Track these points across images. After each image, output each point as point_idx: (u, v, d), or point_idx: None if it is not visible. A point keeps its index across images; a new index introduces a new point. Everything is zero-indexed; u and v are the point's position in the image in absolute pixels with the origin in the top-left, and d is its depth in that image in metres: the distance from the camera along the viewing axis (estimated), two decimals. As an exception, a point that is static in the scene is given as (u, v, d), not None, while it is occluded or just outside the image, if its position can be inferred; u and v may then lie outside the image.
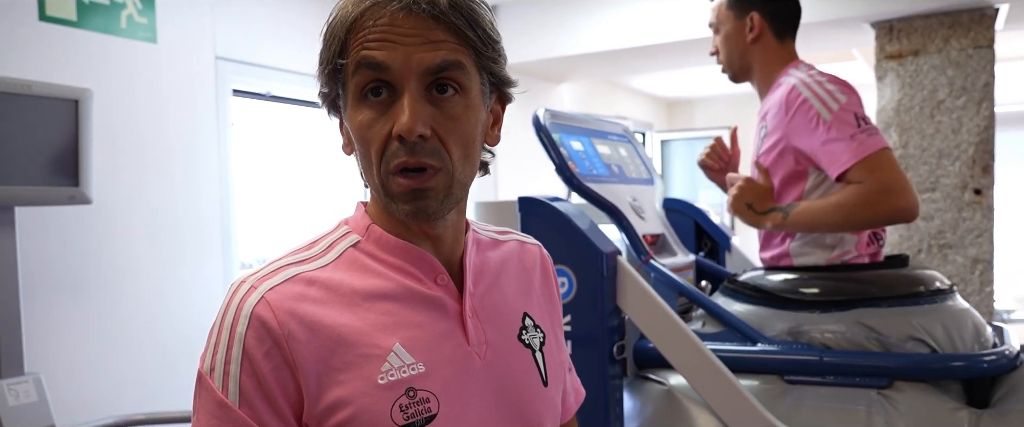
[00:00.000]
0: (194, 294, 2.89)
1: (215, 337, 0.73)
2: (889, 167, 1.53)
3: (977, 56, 3.14)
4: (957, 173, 3.17)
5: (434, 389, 0.74)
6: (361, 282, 0.76)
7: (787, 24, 1.80)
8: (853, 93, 1.63)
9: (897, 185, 1.52)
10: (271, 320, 0.70)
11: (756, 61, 1.81)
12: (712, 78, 6.03)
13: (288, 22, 3.34)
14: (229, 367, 0.70)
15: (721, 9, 1.84)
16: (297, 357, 0.70)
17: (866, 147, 1.54)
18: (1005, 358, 1.48)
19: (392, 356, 0.73)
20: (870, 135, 1.56)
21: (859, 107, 1.61)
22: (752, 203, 1.73)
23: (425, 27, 0.71)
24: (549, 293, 0.95)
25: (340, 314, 0.73)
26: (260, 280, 0.74)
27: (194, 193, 2.90)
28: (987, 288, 3.12)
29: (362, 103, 0.74)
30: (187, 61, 2.87)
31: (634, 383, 1.70)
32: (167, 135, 2.80)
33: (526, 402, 0.83)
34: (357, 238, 0.80)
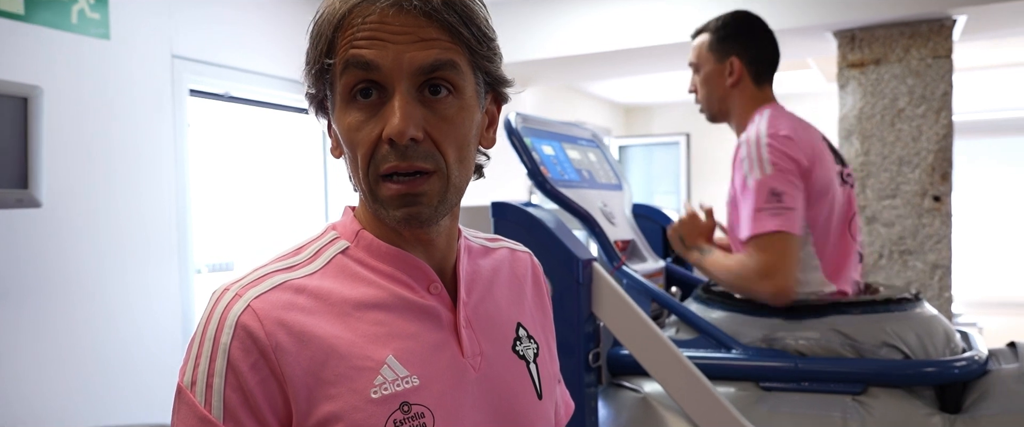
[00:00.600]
0: (149, 300, 2.79)
1: (197, 348, 0.68)
2: (774, 251, 1.57)
3: (936, 66, 3.21)
4: (917, 180, 3.23)
5: (429, 403, 0.70)
6: (351, 291, 0.72)
7: (766, 69, 1.80)
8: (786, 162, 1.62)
9: (773, 270, 1.56)
10: (258, 330, 0.66)
11: (734, 104, 1.81)
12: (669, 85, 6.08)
13: (248, 21, 3.25)
14: (212, 380, 0.66)
15: (701, 50, 1.84)
16: (286, 370, 0.66)
17: (761, 226, 1.58)
18: (975, 364, 1.50)
19: (385, 369, 0.69)
20: (773, 215, 1.58)
21: (782, 181, 1.60)
22: (684, 237, 1.83)
23: (417, 24, 0.68)
24: (541, 302, 0.92)
25: (330, 324, 0.69)
26: (245, 288, 0.69)
27: (149, 196, 2.80)
28: (946, 293, 3.19)
29: (350, 104, 0.70)
30: (142, 59, 2.77)
31: (607, 391, 1.68)
32: (121, 136, 2.70)
33: (521, 417, 0.79)
34: (346, 244, 0.76)
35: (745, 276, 1.60)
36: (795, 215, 1.59)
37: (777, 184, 1.59)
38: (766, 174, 1.60)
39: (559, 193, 1.78)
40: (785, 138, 1.64)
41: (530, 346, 0.84)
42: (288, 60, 3.45)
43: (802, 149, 1.64)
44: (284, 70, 3.43)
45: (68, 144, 2.52)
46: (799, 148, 1.63)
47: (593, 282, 1.55)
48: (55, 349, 2.50)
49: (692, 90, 1.89)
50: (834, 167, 1.72)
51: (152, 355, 2.79)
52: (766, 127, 1.67)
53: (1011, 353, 1.59)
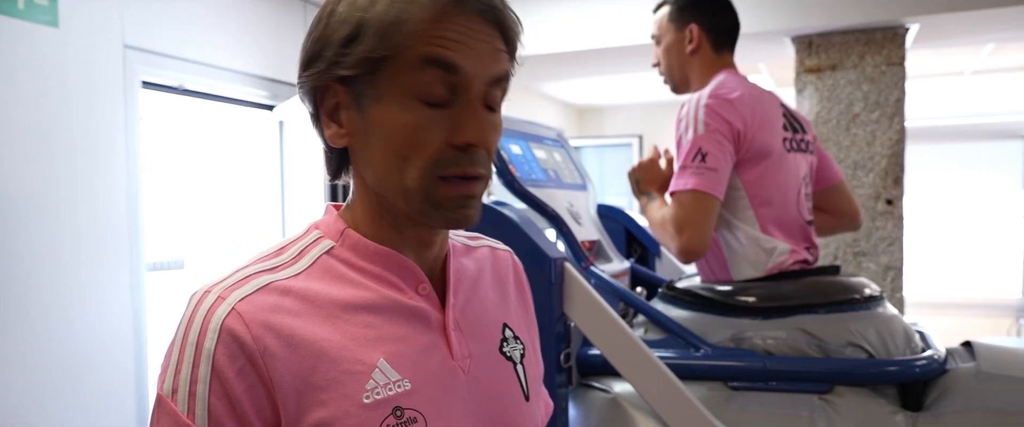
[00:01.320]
0: (99, 299, 2.68)
1: (177, 354, 0.65)
2: (687, 207, 1.63)
3: (890, 72, 3.30)
4: (871, 184, 3.31)
5: (421, 407, 0.69)
6: (339, 292, 0.70)
7: (725, 37, 1.84)
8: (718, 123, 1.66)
9: (683, 225, 1.63)
10: (244, 334, 0.63)
11: (693, 72, 1.85)
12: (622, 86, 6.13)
13: (205, 13, 3.16)
14: (195, 388, 0.63)
15: (663, 21, 1.88)
16: (274, 375, 0.64)
17: (682, 183, 1.65)
18: (935, 362, 1.54)
19: (377, 372, 0.67)
20: (694, 173, 1.64)
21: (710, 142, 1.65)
22: (640, 180, 1.90)
23: (493, 35, 0.69)
24: (524, 302, 0.90)
25: (319, 327, 0.67)
26: (228, 290, 0.66)
27: (99, 191, 2.69)
28: (897, 294, 3.28)
29: (413, 102, 0.68)
30: (92, 49, 2.67)
31: (577, 391, 1.67)
32: (70, 128, 2.59)
33: (510, 419, 0.78)
34: (331, 244, 0.73)
35: (664, 229, 1.68)
36: (717, 176, 1.64)
37: (705, 144, 1.65)
38: (697, 134, 1.66)
39: (528, 193, 1.78)
40: (725, 100, 1.68)
41: (516, 347, 0.83)
42: (245, 53, 3.36)
43: (741, 113, 1.68)
44: (241, 64, 3.35)
45: (14, 136, 2.41)
46: (736, 111, 1.67)
47: (564, 282, 1.55)
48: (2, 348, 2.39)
49: (655, 63, 1.92)
50: (781, 133, 1.76)
51: (104, 353, 2.69)
52: (710, 89, 1.72)
53: (967, 352, 1.63)
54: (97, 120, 2.68)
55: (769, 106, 1.76)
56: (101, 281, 2.70)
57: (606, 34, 3.69)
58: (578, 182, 2.27)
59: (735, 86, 1.72)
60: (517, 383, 0.81)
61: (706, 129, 1.65)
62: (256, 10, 3.42)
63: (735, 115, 1.66)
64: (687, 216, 1.62)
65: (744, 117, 1.67)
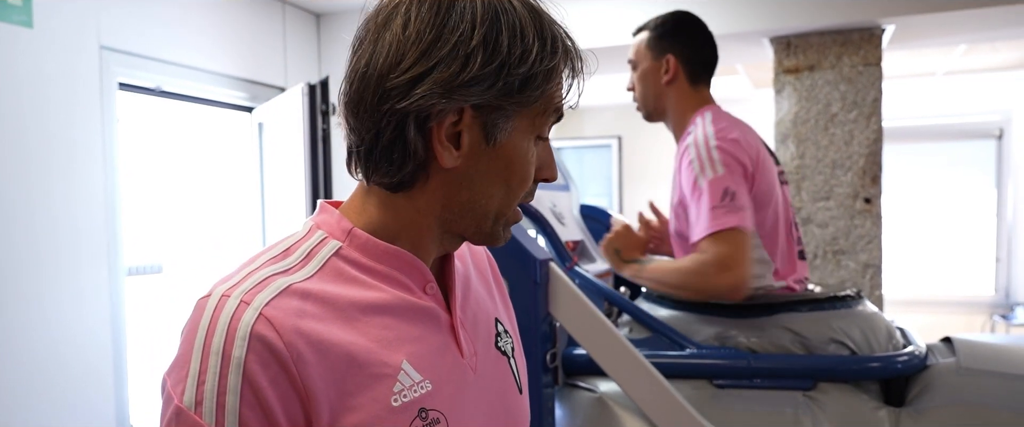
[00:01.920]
0: (77, 304, 2.64)
1: (200, 363, 0.61)
2: (731, 244, 1.57)
3: (867, 73, 3.33)
4: (849, 183, 3.35)
5: (442, 408, 0.69)
6: (355, 293, 0.68)
7: (702, 69, 1.82)
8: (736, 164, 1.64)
9: (730, 262, 1.56)
10: (276, 341, 0.61)
11: (669, 103, 1.82)
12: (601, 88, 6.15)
13: (182, 14, 3.13)
14: (224, 398, 0.60)
15: (640, 47, 1.84)
16: (308, 383, 0.62)
17: (719, 223, 1.58)
18: (917, 358, 1.56)
19: (402, 374, 0.67)
20: (728, 212, 1.59)
21: (733, 180, 1.62)
22: (620, 250, 1.82)
23: None
24: (503, 294, 0.91)
25: (343, 331, 0.65)
26: (250, 293, 0.63)
27: (76, 194, 2.65)
28: (877, 292, 3.32)
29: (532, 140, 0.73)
30: (68, 50, 2.63)
31: (563, 391, 1.67)
32: (46, 130, 2.55)
33: (511, 413, 0.79)
34: (338, 244, 0.71)
35: (700, 272, 1.59)
36: (747, 214, 1.61)
37: (729, 184, 1.61)
38: (718, 174, 1.61)
39: (512, 193, 1.76)
40: (733, 141, 1.66)
41: (508, 341, 0.84)
42: (223, 55, 3.33)
43: (748, 153, 1.66)
44: (219, 65, 3.32)
45: (-14, 138, 2.37)
46: (745, 152, 1.65)
47: (550, 282, 1.54)
48: (-30, 357, 2.35)
49: (630, 88, 1.90)
50: (774, 169, 1.76)
51: (82, 359, 2.65)
52: (713, 129, 1.68)
53: (947, 348, 1.65)
54: (73, 122, 2.64)
55: (760, 143, 1.75)
56: (79, 286, 2.65)
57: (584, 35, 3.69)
58: (561, 183, 2.27)
59: (731, 125, 1.71)
60: (512, 377, 0.82)
61: (726, 169, 1.61)
62: (234, 11, 3.39)
63: (744, 156, 1.65)
64: (731, 253, 1.56)
65: (751, 158, 1.66)
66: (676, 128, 1.82)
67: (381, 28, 0.68)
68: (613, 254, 1.82)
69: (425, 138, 0.68)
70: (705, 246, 1.59)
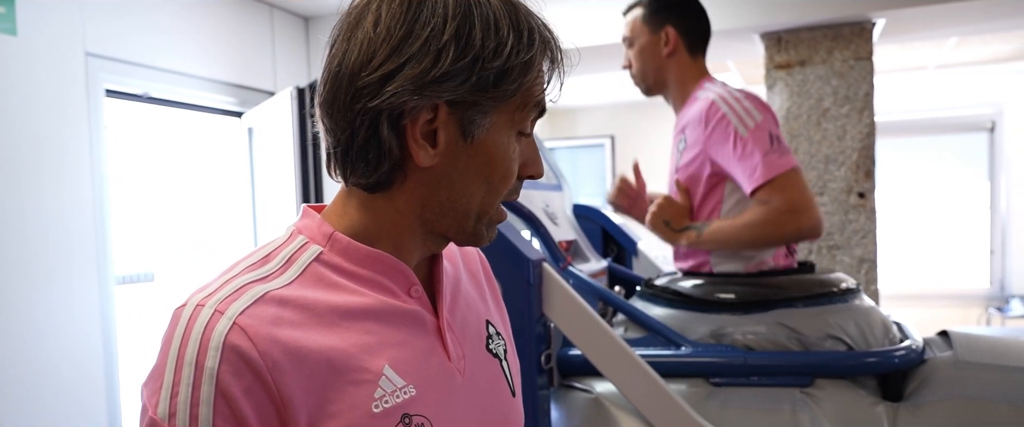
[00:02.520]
0: (67, 314, 2.62)
1: (172, 374, 0.61)
2: (796, 187, 1.58)
3: (858, 67, 3.33)
4: (843, 178, 3.34)
5: (427, 413, 0.67)
6: (335, 299, 0.67)
7: (700, 39, 1.84)
8: (768, 111, 1.67)
9: (802, 205, 1.57)
10: (250, 350, 0.60)
11: (671, 75, 1.83)
12: (593, 87, 6.14)
13: (168, 19, 3.10)
14: (197, 410, 0.59)
15: (635, 23, 1.85)
16: (285, 391, 0.61)
17: (776, 167, 1.59)
18: (914, 352, 1.55)
19: (383, 380, 0.65)
20: (781, 155, 1.60)
21: (774, 126, 1.65)
22: (670, 221, 1.77)
23: None
24: (496, 296, 0.90)
25: (322, 336, 0.64)
26: (224, 302, 0.62)
27: (65, 202, 2.62)
28: (872, 286, 3.31)
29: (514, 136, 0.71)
30: (54, 57, 2.60)
31: (558, 393, 1.65)
32: (32, 138, 2.52)
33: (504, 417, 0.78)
34: (319, 249, 0.70)
35: (773, 221, 1.58)
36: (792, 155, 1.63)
37: (771, 128, 1.63)
38: (757, 121, 1.62)
39: (504, 194, 1.75)
40: (757, 98, 1.69)
41: (500, 343, 0.82)
42: (211, 60, 3.31)
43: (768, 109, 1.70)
44: (208, 70, 3.29)
45: (-29, 148, 2.35)
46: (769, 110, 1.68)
47: (543, 283, 1.53)
48: (-41, 369, 2.32)
49: (626, 65, 1.90)
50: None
51: (74, 369, 2.62)
52: (731, 89, 1.71)
53: (944, 341, 1.64)
54: (60, 130, 2.62)
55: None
56: (69, 295, 2.63)
57: (576, 34, 3.68)
58: (553, 183, 2.25)
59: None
60: (504, 380, 0.80)
61: (763, 116, 1.63)
62: (221, 16, 3.36)
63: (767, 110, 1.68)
64: (801, 195, 1.57)
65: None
66: (677, 99, 1.83)
67: (353, 26, 0.67)
68: (663, 226, 1.78)
69: (399, 137, 0.67)
70: (767, 195, 1.58)
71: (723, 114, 1.66)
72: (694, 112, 1.74)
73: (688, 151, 1.76)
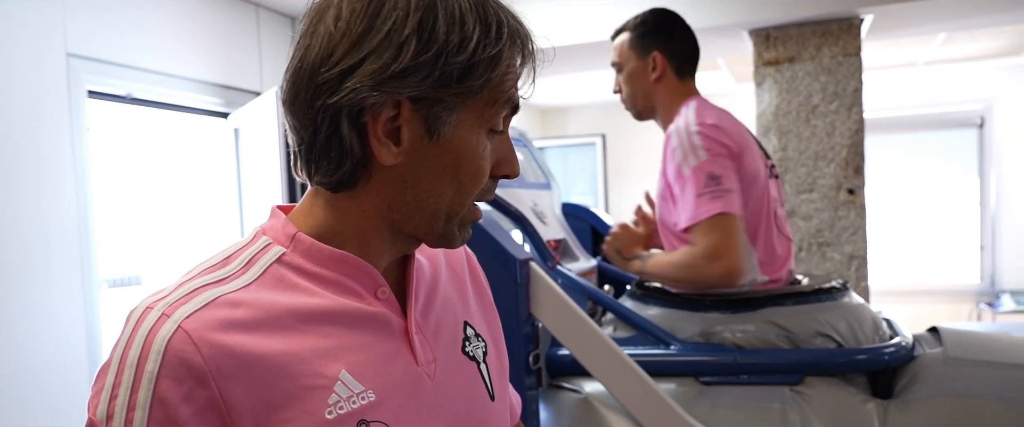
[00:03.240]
0: (50, 320, 2.58)
1: (114, 377, 0.60)
2: (718, 232, 1.56)
3: (846, 63, 3.33)
4: (832, 174, 3.34)
5: (387, 419, 0.65)
6: (294, 302, 0.65)
7: (687, 63, 1.82)
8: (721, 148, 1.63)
9: (720, 250, 1.55)
10: (192, 355, 0.58)
11: (659, 100, 1.82)
12: (584, 86, 6.13)
13: (151, 19, 3.07)
14: (132, 414, 0.58)
15: (623, 48, 1.84)
16: (229, 397, 0.59)
17: (705, 210, 1.57)
18: (903, 349, 1.54)
19: (339, 385, 0.63)
20: (713, 198, 1.58)
21: (717, 164, 1.61)
22: (620, 249, 1.83)
23: None
24: (483, 297, 0.87)
25: (275, 341, 0.62)
26: (173, 306, 0.61)
27: (46, 205, 2.59)
28: (863, 283, 3.31)
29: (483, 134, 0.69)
30: (33, 57, 2.56)
31: (547, 393, 1.64)
32: (12, 140, 2.49)
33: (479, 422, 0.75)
34: (281, 250, 0.68)
35: (692, 264, 1.58)
36: (734, 197, 1.59)
37: (713, 168, 1.60)
38: (701, 160, 1.60)
39: (491, 192, 1.74)
40: (713, 126, 1.65)
41: (479, 345, 0.80)
42: (196, 60, 3.27)
43: (730, 136, 1.65)
44: (192, 71, 3.26)
45: (-50, 151, 2.31)
46: (727, 135, 1.65)
47: (531, 282, 1.51)
48: (-60, 376, 2.28)
49: (617, 90, 1.89)
50: (761, 158, 1.75)
51: (56, 375, 2.58)
52: (694, 116, 1.68)
53: (934, 338, 1.63)
54: (41, 132, 2.58)
55: (744, 131, 1.75)
56: (52, 300, 2.59)
57: (567, 31, 3.67)
58: (542, 181, 2.24)
59: (712, 112, 1.71)
60: (482, 383, 0.78)
61: (709, 154, 1.60)
62: (206, 15, 3.33)
63: (726, 138, 1.64)
64: (721, 240, 1.55)
65: (735, 140, 1.65)
66: (665, 122, 1.82)
67: (316, 22, 0.65)
68: (615, 254, 1.83)
69: (361, 135, 0.65)
70: (694, 236, 1.59)
71: (673, 148, 1.66)
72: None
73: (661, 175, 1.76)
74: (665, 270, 1.67)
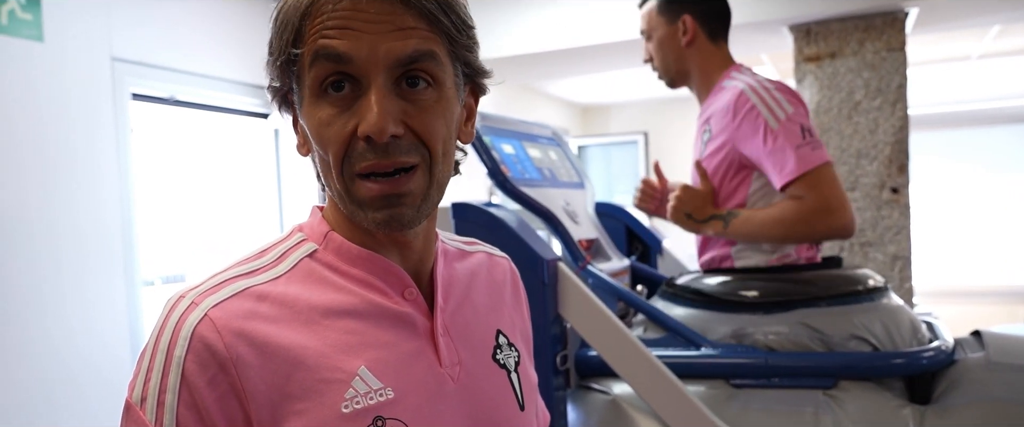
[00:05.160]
0: (93, 315, 2.66)
1: (148, 361, 0.63)
2: (829, 184, 1.53)
3: (890, 58, 3.24)
4: (875, 172, 3.26)
5: (404, 417, 0.66)
6: (320, 297, 0.67)
7: (719, 25, 1.79)
8: (800, 103, 1.62)
9: (835, 203, 1.52)
10: (216, 342, 0.61)
11: (693, 65, 1.79)
12: (626, 83, 6.09)
13: (192, 22, 3.14)
14: (164, 397, 0.61)
15: (652, 14, 1.82)
16: (247, 385, 0.61)
17: (809, 161, 1.53)
18: (943, 353, 1.49)
19: (357, 381, 0.65)
20: (813, 148, 1.55)
21: (805, 118, 1.60)
22: (691, 213, 1.72)
23: (392, 12, 0.63)
24: (520, 310, 0.88)
25: (297, 333, 0.64)
26: (202, 295, 0.64)
27: (92, 206, 2.67)
28: (906, 284, 3.22)
29: (321, 99, 0.65)
30: (80, 62, 2.64)
31: (576, 394, 1.63)
32: (59, 143, 2.57)
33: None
34: (314, 247, 0.71)
35: (805, 219, 1.53)
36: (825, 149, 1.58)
37: (802, 120, 1.58)
38: (788, 113, 1.57)
39: (521, 192, 1.74)
40: (789, 89, 1.63)
41: (511, 355, 0.80)
42: (237, 62, 3.34)
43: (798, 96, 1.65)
44: (233, 73, 3.33)
45: (1, 152, 2.39)
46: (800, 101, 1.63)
47: (559, 282, 1.51)
48: (-8, 369, 2.37)
49: (647, 59, 1.87)
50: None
51: (98, 374, 2.66)
52: (761, 78, 1.66)
53: (976, 342, 1.58)
54: (87, 134, 2.66)
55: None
56: (94, 299, 2.67)
57: (607, 29, 3.65)
58: (575, 180, 2.23)
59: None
60: (511, 391, 0.78)
61: (794, 108, 1.58)
62: (247, 17, 3.39)
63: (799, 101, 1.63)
64: (834, 192, 1.52)
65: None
66: (701, 88, 1.79)
67: None
68: (684, 218, 1.73)
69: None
70: (798, 190, 1.54)
71: (753, 105, 1.60)
72: (721, 102, 1.70)
73: (713, 141, 1.72)
74: (767, 229, 1.60)
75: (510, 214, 1.60)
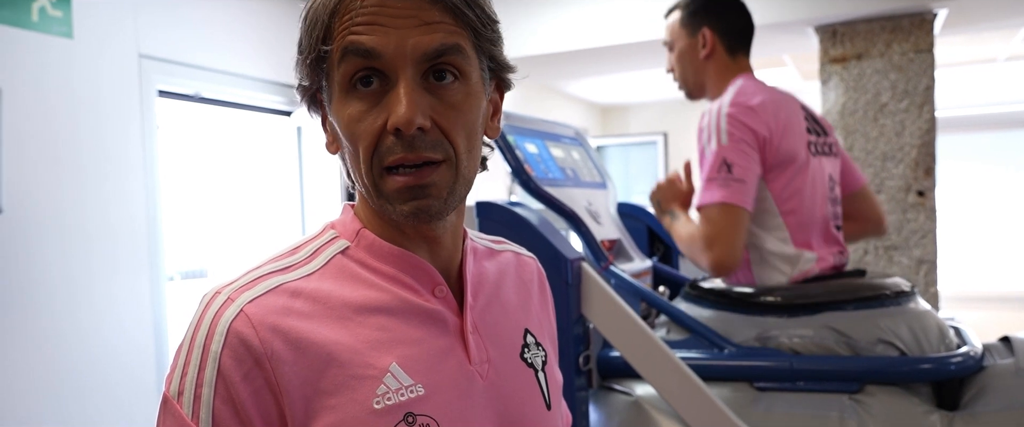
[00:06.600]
0: (119, 309, 2.69)
1: (185, 356, 0.64)
2: (716, 222, 1.58)
3: (918, 60, 3.20)
4: (901, 175, 3.22)
5: (434, 413, 0.66)
6: (352, 293, 0.68)
7: (739, 40, 1.79)
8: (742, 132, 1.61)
9: (714, 241, 1.58)
10: (252, 337, 0.62)
11: (709, 78, 1.80)
12: (646, 84, 6.07)
13: (219, 20, 3.17)
14: (201, 390, 0.62)
15: (674, 27, 1.83)
16: (281, 380, 0.62)
17: (709, 197, 1.59)
18: (971, 359, 1.47)
19: (388, 377, 0.65)
20: (721, 186, 1.59)
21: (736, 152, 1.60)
22: (660, 201, 1.86)
23: (419, 7, 0.64)
24: (547, 310, 0.88)
25: (330, 329, 0.65)
26: (238, 291, 0.65)
27: (117, 201, 2.70)
28: (932, 288, 3.18)
29: (350, 94, 0.66)
30: (107, 59, 2.68)
31: (598, 394, 1.63)
32: (86, 138, 2.60)
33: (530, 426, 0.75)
34: (346, 244, 0.72)
35: (693, 246, 1.63)
36: (744, 187, 1.59)
37: (730, 155, 1.60)
38: (721, 144, 1.61)
39: (544, 192, 1.74)
40: (746, 107, 1.63)
41: (538, 354, 0.80)
42: (261, 60, 3.36)
43: (764, 119, 1.63)
44: (257, 70, 3.35)
45: (30, 147, 2.43)
46: (759, 118, 1.62)
47: (582, 282, 1.51)
48: (20, 362, 2.41)
49: (669, 69, 1.88)
50: (805, 137, 1.71)
51: (123, 366, 2.70)
52: (731, 97, 1.67)
53: (1005, 348, 1.56)
54: (114, 130, 2.69)
55: (791, 110, 1.71)
56: (120, 293, 2.70)
57: (627, 29, 3.64)
58: (597, 180, 2.22)
59: (755, 91, 1.67)
60: (538, 390, 0.78)
61: (730, 139, 1.60)
62: (272, 15, 3.42)
63: (758, 122, 1.61)
64: (716, 231, 1.57)
65: (768, 124, 1.62)
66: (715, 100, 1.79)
67: None
68: (655, 203, 1.87)
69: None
70: (701, 218, 1.62)
71: (702, 127, 1.67)
72: None
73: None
74: (680, 238, 1.72)
75: (533, 213, 1.60)
